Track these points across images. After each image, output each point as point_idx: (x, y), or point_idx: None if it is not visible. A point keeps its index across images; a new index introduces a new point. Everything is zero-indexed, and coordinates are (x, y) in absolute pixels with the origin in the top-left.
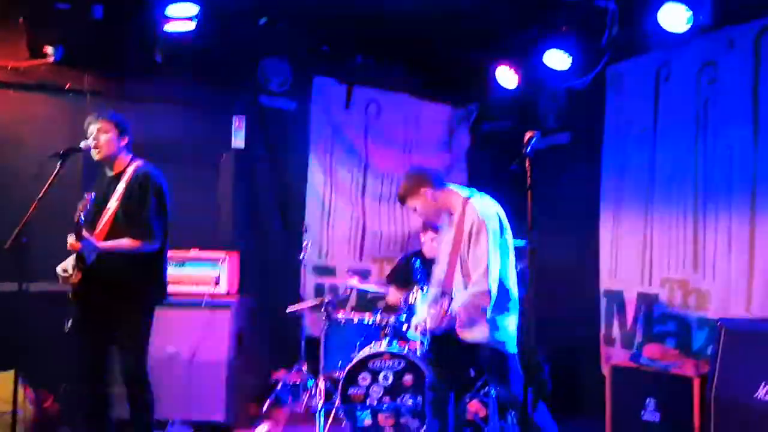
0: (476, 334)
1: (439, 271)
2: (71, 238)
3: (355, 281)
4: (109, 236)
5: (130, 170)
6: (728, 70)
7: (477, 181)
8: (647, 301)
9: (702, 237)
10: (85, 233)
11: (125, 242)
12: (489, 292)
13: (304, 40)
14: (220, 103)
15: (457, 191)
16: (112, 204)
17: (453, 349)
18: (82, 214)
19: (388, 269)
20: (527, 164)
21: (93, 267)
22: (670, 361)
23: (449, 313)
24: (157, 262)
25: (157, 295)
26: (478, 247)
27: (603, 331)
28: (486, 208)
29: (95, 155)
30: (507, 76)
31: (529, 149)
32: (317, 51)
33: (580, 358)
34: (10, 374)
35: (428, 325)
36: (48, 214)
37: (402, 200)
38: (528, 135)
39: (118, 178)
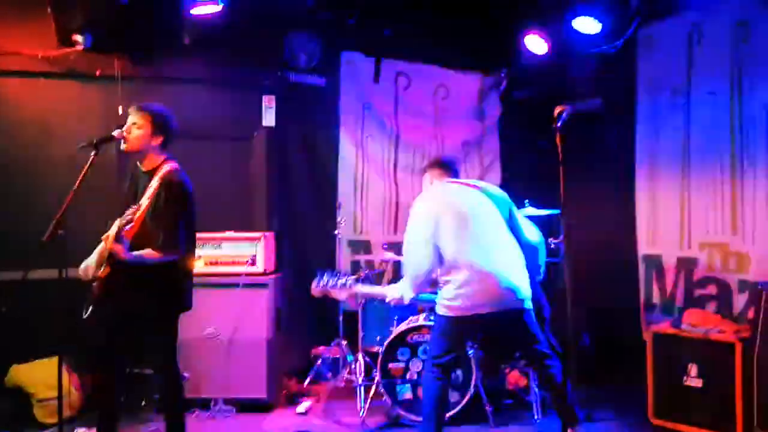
0: None
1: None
2: (111, 240)
3: (390, 254)
4: (139, 232)
5: (163, 170)
6: (762, 29)
7: (510, 150)
8: (687, 266)
9: (740, 199)
10: (124, 238)
11: (147, 253)
12: None
13: (330, 14)
14: (250, 82)
15: None
16: (144, 201)
17: None
18: (129, 219)
19: None
20: (557, 139)
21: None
22: (711, 326)
23: None
24: (178, 267)
25: (182, 302)
26: None
27: (642, 296)
28: None
29: (122, 146)
30: (536, 43)
31: (559, 123)
32: (344, 25)
33: (621, 324)
34: (54, 361)
35: None
36: (84, 203)
37: None
38: (558, 109)
39: (150, 174)
